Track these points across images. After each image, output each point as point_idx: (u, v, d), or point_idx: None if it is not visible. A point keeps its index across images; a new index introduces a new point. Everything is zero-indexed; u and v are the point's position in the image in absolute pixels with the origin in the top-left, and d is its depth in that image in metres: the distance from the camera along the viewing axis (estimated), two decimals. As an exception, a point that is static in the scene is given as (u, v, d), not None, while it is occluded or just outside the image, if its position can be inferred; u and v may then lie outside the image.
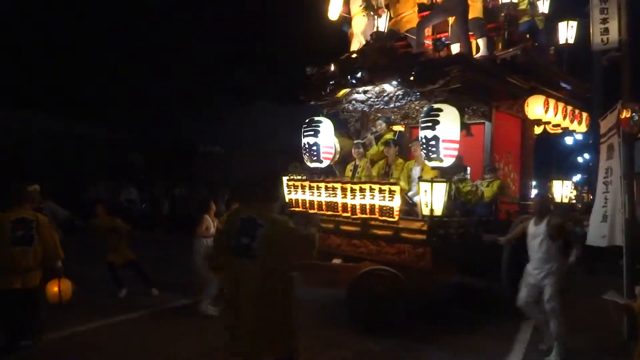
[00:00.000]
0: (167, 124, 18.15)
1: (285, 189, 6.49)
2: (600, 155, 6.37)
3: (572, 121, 7.41)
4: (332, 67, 6.49)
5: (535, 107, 6.75)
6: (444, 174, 5.61)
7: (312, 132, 6.56)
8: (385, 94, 6.22)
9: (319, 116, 6.69)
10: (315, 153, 6.58)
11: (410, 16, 7.28)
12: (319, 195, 6.02)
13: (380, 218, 5.40)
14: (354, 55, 6.03)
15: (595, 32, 6.12)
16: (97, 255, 7.07)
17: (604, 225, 6.05)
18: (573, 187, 8.36)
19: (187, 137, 18.59)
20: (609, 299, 5.09)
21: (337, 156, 7.02)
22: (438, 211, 5.13)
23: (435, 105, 5.31)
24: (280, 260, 3.00)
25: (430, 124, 5.25)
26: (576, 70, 7.98)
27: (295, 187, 6.38)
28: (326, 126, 6.62)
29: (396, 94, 6.06)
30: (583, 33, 7.49)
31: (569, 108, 7.34)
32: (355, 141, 6.92)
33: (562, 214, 8.65)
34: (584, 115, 7.77)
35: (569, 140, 18.95)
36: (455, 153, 5.42)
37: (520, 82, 6.56)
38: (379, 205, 5.37)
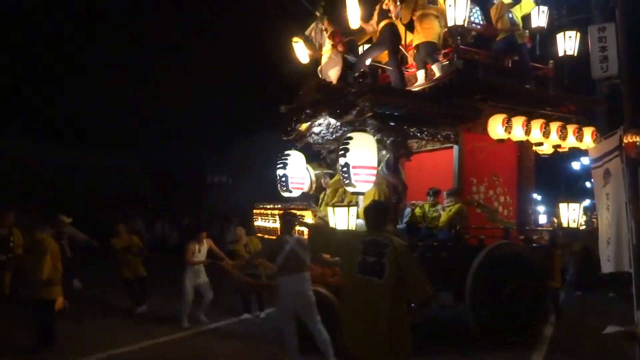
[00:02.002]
0: (175, 154, 18.86)
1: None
2: (596, 181, 6.22)
3: (562, 138, 6.76)
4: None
5: (495, 127, 6.43)
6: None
7: (282, 165, 7.19)
8: (331, 126, 6.62)
9: (289, 149, 7.32)
10: (284, 184, 7.19)
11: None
12: (268, 222, 6.60)
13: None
14: (302, 92, 6.58)
15: (594, 60, 6.25)
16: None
17: (604, 251, 5.85)
18: (583, 212, 7.53)
19: (195, 167, 19.34)
20: (611, 332, 4.85)
21: (314, 185, 7.51)
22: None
23: (348, 134, 5.60)
24: (401, 281, 3.37)
25: (342, 152, 5.56)
26: (581, 83, 7.32)
27: (257, 215, 7.04)
28: (294, 159, 7.20)
29: (336, 125, 6.42)
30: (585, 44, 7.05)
31: (556, 124, 6.74)
32: (324, 171, 7.34)
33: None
34: (587, 130, 7.01)
35: (576, 165, 16.33)
36: (371, 178, 5.60)
37: (476, 103, 6.38)
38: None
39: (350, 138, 5.52)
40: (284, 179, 7.17)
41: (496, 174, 7.14)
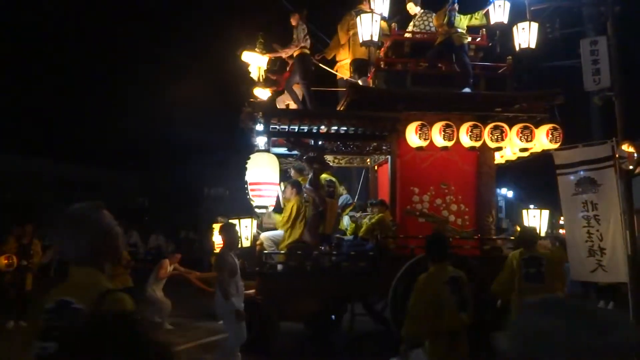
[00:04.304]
0: (173, 168, 19.12)
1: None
2: (564, 187, 6.18)
3: (497, 140, 6.21)
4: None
5: (410, 136, 6.28)
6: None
7: (252, 184, 8.07)
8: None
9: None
10: (254, 201, 8.04)
11: (346, 62, 7.88)
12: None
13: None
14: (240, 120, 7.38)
15: (586, 72, 6.42)
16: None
17: (591, 260, 5.98)
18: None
19: (193, 180, 19.41)
20: None
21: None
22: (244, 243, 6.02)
23: (250, 155, 6.28)
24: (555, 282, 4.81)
25: (245, 172, 6.26)
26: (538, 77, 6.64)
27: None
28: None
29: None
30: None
31: (489, 126, 6.24)
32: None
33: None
34: (543, 129, 6.28)
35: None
36: (271, 193, 6.16)
37: (388, 114, 6.39)
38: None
39: (249, 158, 6.19)
40: (253, 196, 8.03)
41: (446, 182, 6.86)
